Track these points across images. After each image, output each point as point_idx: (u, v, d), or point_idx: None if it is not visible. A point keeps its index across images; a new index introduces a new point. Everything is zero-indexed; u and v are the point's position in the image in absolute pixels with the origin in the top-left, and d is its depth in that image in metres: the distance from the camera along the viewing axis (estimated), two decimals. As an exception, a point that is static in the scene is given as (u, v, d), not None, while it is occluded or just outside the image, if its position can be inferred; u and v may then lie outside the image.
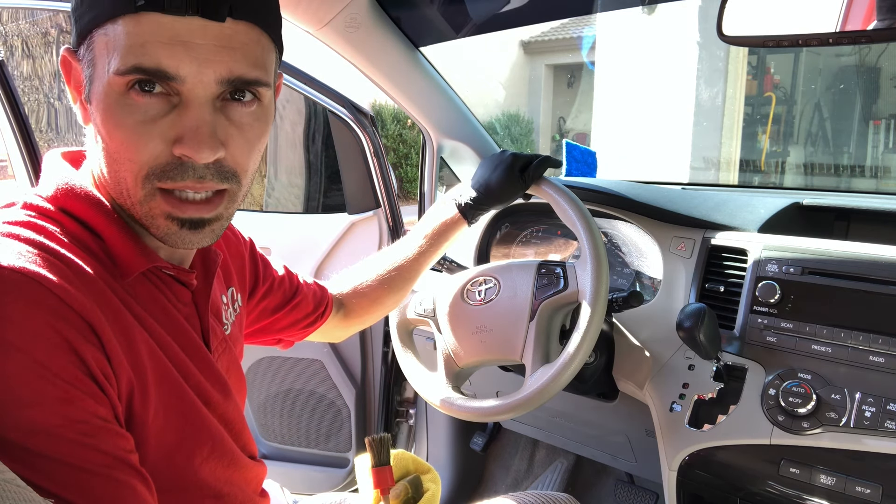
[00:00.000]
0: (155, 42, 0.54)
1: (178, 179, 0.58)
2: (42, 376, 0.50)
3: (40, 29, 5.36)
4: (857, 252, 0.97)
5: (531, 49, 10.62)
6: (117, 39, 0.55)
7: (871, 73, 6.22)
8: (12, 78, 1.98)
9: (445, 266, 1.25)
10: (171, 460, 0.62)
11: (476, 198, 1.04)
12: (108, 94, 0.56)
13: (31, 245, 0.54)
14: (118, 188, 0.60)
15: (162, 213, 0.60)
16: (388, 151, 8.62)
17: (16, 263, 0.52)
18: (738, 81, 6.48)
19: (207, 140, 0.57)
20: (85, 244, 0.60)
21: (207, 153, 0.57)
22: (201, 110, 0.57)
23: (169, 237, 0.61)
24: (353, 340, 1.72)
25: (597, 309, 0.92)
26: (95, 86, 0.58)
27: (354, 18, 1.19)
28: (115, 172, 0.60)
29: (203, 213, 0.61)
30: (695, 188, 1.60)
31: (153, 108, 0.56)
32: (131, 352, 0.57)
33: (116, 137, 0.57)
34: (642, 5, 2.64)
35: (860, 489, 0.85)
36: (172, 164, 0.58)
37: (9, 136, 2.00)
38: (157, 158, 0.58)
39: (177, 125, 0.57)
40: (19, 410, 0.49)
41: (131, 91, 0.56)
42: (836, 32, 0.82)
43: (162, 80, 0.55)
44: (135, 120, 0.56)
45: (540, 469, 1.79)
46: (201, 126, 0.57)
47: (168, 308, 0.66)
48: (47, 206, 0.60)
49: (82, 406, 0.52)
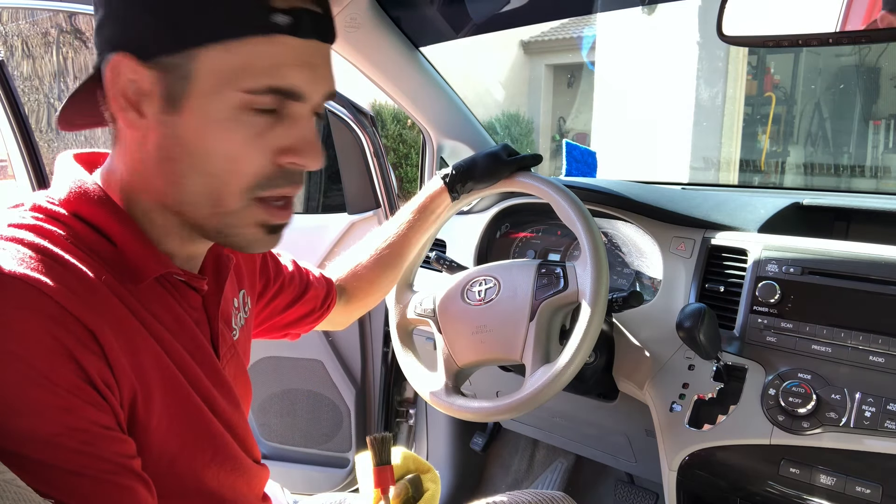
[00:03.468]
0: (289, 65, 0.57)
1: (282, 186, 0.61)
2: (41, 385, 0.50)
3: (40, 29, 5.36)
4: (857, 252, 0.97)
5: (531, 49, 10.61)
6: (246, 59, 0.56)
7: (871, 73, 6.22)
8: (12, 78, 1.98)
9: (445, 266, 1.25)
10: (174, 466, 0.62)
11: (460, 168, 1.07)
12: (220, 109, 0.57)
13: (33, 249, 0.54)
14: (202, 200, 0.60)
15: (255, 221, 0.62)
16: (388, 151, 8.62)
17: (17, 269, 0.51)
18: (738, 81, 6.47)
19: (320, 150, 0.62)
20: (93, 249, 0.59)
21: (320, 162, 0.61)
22: (311, 123, 0.61)
23: (254, 243, 0.64)
24: (353, 340, 1.72)
25: (597, 309, 0.92)
26: (195, 99, 0.57)
27: (354, 18, 1.19)
28: (208, 185, 0.59)
29: (286, 218, 0.64)
30: (695, 188, 1.60)
31: (262, 123, 0.58)
32: (135, 359, 0.57)
33: (222, 152, 0.58)
34: (642, 5, 2.64)
35: (860, 489, 0.85)
36: (277, 174, 0.60)
37: (9, 136, 2.00)
38: (263, 169, 0.59)
39: (287, 137, 0.59)
40: (18, 419, 0.49)
41: (250, 110, 0.57)
42: (836, 32, 0.82)
43: (293, 98, 0.58)
44: (245, 135, 0.58)
45: (540, 469, 1.79)
46: (312, 136, 0.61)
47: (179, 313, 0.65)
48: (58, 210, 0.59)
49: (82, 414, 0.52)
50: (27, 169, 2.02)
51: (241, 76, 0.56)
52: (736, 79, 6.45)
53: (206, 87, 0.56)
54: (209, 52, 0.56)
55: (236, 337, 0.78)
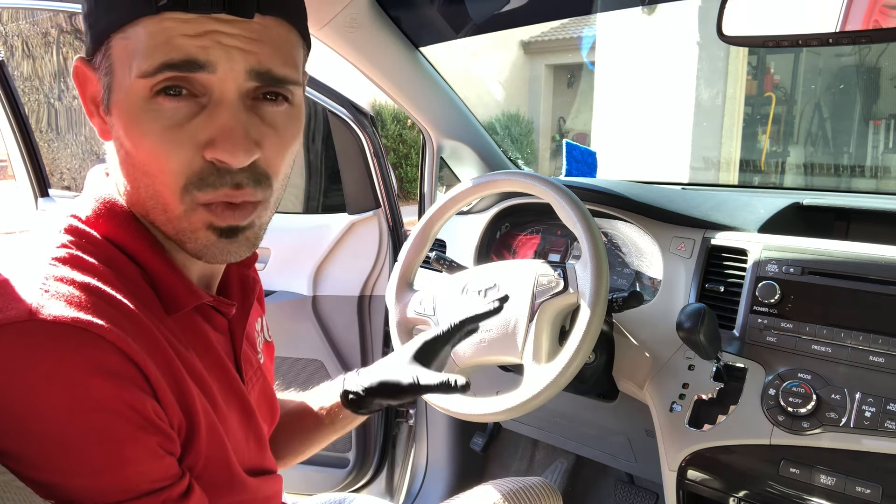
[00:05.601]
0: (181, 36, 0.52)
1: (217, 187, 0.55)
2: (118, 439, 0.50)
3: (40, 29, 5.36)
4: (857, 252, 0.97)
5: (531, 49, 10.61)
6: (139, 41, 0.52)
7: (871, 73, 6.22)
8: (12, 78, 1.98)
9: (445, 266, 1.25)
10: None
11: (367, 390, 0.84)
12: (131, 101, 0.54)
13: (84, 291, 0.52)
14: (153, 204, 0.57)
15: (203, 224, 0.56)
16: (388, 151, 8.62)
17: (70, 315, 0.50)
18: (738, 81, 6.47)
19: (242, 141, 0.54)
20: (131, 279, 0.57)
21: (242, 156, 0.54)
22: (233, 108, 0.54)
23: (207, 249, 0.58)
24: (353, 340, 1.72)
25: (596, 310, 0.92)
26: (116, 94, 0.55)
27: (354, 19, 1.19)
28: (149, 187, 0.56)
29: (238, 220, 0.57)
30: (695, 188, 1.60)
31: (181, 111, 0.53)
32: (182, 396, 0.56)
33: (144, 146, 0.54)
34: (642, 5, 2.64)
35: (860, 489, 0.85)
36: (207, 171, 0.54)
37: (9, 136, 2.00)
38: (189, 165, 0.54)
39: (207, 127, 0.53)
40: (92, 478, 0.50)
41: (157, 96, 0.53)
42: (836, 32, 0.82)
43: (192, 70, 0.52)
44: (162, 126, 0.53)
45: (540, 469, 1.79)
46: (235, 126, 0.54)
47: (208, 341, 0.64)
48: (91, 233, 0.58)
49: (165, 463, 0.53)
50: (27, 169, 2.02)
51: (138, 60, 0.52)
52: (736, 79, 6.45)
53: (121, 81, 0.54)
54: (116, 42, 0.54)
55: (262, 360, 0.77)
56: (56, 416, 0.48)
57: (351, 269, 1.71)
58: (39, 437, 0.48)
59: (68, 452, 0.49)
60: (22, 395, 0.48)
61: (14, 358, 0.48)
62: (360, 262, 1.70)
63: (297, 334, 1.72)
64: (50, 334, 0.49)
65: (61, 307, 0.50)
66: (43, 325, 0.48)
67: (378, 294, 1.70)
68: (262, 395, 0.76)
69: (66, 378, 0.48)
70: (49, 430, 0.48)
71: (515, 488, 1.06)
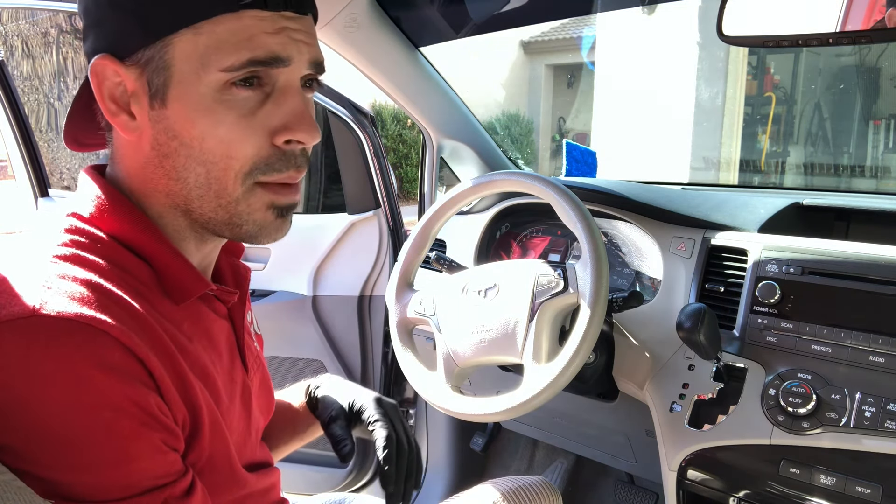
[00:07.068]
0: (262, 34, 0.56)
1: (282, 170, 0.59)
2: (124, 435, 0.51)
3: (40, 29, 5.36)
4: (857, 252, 0.97)
5: (531, 49, 10.61)
6: (217, 38, 0.55)
7: (871, 73, 6.22)
8: (12, 78, 1.98)
9: (445, 266, 1.25)
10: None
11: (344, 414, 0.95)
12: (203, 93, 0.56)
13: (87, 288, 0.52)
14: (202, 192, 0.59)
15: (264, 204, 0.60)
16: (388, 151, 8.62)
17: (73, 310, 0.50)
18: (738, 81, 6.48)
19: (313, 122, 0.59)
20: (134, 274, 0.58)
21: (317, 135, 0.59)
22: (301, 96, 0.60)
23: (263, 229, 0.61)
24: (353, 340, 1.72)
25: (596, 310, 0.92)
26: (177, 88, 0.56)
27: (354, 18, 1.19)
28: (208, 175, 0.58)
29: (294, 198, 0.63)
30: (695, 188, 1.60)
31: (252, 99, 0.57)
32: (186, 392, 0.57)
33: (215, 135, 0.57)
34: (642, 5, 2.64)
35: (860, 489, 0.85)
36: (275, 156, 0.59)
37: (9, 136, 2.00)
38: (260, 151, 0.58)
39: (278, 113, 0.58)
40: (95, 474, 0.50)
41: (232, 87, 0.56)
42: (836, 32, 0.82)
43: (275, 65, 0.56)
44: (237, 114, 0.56)
45: (540, 469, 1.79)
46: (306, 111, 0.59)
47: (213, 329, 0.65)
48: (94, 231, 0.58)
49: (167, 460, 0.54)
50: (27, 169, 2.02)
51: (218, 56, 0.55)
52: (736, 79, 6.45)
53: (186, 75, 0.56)
54: (181, 38, 0.55)
55: (258, 347, 0.78)
56: (59, 412, 0.48)
57: (351, 269, 1.71)
58: (42, 433, 0.48)
59: (71, 449, 0.49)
60: (25, 391, 0.48)
61: (17, 354, 0.48)
62: (359, 263, 1.70)
63: (297, 334, 1.72)
64: (53, 330, 0.49)
65: (64, 303, 0.50)
66: (46, 322, 0.49)
67: (378, 294, 1.70)
68: (262, 385, 0.76)
69: (69, 374, 0.48)
70: (52, 426, 0.48)
71: (515, 487, 1.06)
